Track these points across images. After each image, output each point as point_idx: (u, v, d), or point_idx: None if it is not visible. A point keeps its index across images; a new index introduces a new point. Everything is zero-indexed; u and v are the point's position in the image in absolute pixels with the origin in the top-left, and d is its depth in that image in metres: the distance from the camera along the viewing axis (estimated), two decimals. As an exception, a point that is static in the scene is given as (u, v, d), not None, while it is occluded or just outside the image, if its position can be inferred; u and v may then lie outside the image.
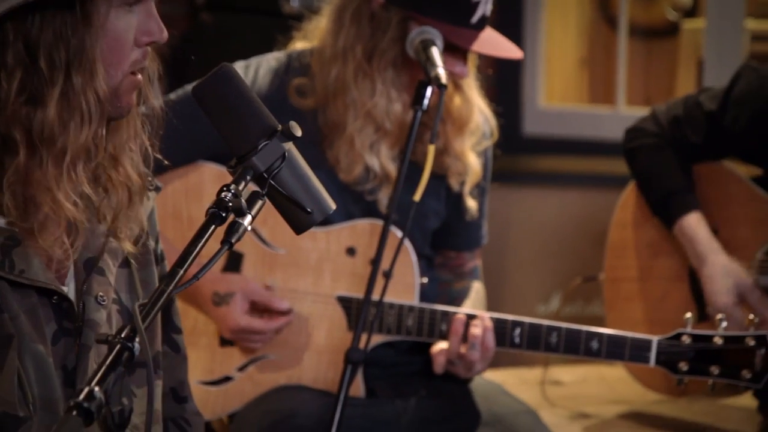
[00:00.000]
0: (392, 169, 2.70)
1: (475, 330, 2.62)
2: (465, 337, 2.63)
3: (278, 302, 2.70)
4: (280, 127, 1.72)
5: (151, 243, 1.97)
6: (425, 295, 2.78)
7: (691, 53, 5.81)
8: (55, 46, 1.71)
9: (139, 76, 1.82)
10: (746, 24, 5.09)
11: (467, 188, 2.81)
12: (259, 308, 2.71)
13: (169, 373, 2.02)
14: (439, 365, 2.65)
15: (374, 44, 2.63)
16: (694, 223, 3.07)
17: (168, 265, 2.00)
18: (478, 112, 2.79)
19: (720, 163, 3.18)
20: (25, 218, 1.75)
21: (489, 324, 2.64)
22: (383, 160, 2.70)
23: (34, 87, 1.71)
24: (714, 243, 3.05)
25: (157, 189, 1.98)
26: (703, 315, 3.10)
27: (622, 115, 4.88)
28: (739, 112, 3.05)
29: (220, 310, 2.68)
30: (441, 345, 2.66)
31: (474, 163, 2.79)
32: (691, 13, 6.26)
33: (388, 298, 2.67)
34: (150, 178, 1.92)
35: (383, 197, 2.71)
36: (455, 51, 2.62)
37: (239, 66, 2.76)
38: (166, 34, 1.81)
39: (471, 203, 2.82)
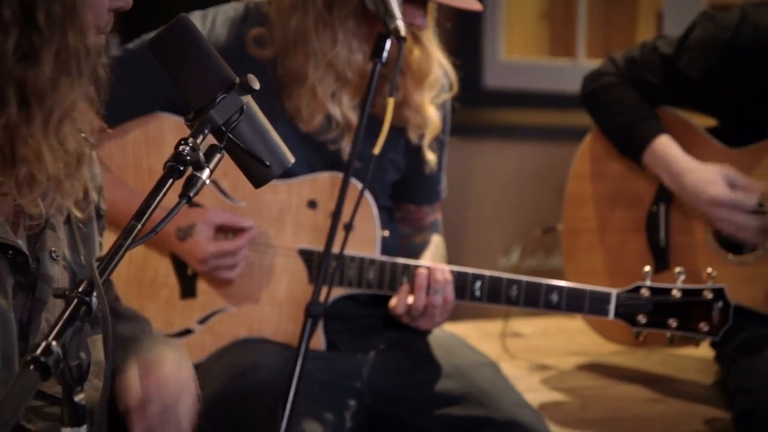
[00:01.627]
0: (354, 118, 2.69)
1: (438, 275, 2.63)
2: (428, 291, 2.64)
3: (241, 220, 2.69)
4: (237, 80, 1.71)
5: (94, 197, 1.96)
6: (386, 248, 2.78)
7: (651, 5, 5.81)
8: (51, 2, 1.70)
9: (104, 39, 1.82)
10: (706, -24, 5.09)
11: (426, 141, 2.81)
12: (224, 231, 2.70)
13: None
14: (400, 305, 2.65)
15: None
16: (665, 144, 3.07)
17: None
18: (438, 65, 2.78)
19: (676, 114, 3.19)
20: (5, 174, 1.75)
21: (449, 276, 2.65)
22: (345, 109, 2.69)
23: (30, 44, 1.70)
24: (688, 157, 3.05)
25: (92, 146, 1.97)
26: (661, 266, 3.12)
27: (582, 67, 4.87)
28: (693, 57, 3.06)
29: (186, 245, 2.67)
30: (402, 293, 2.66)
31: (433, 115, 2.79)
32: (651, -36, 6.26)
33: (350, 251, 2.67)
34: (85, 135, 1.90)
35: (346, 147, 2.71)
36: (415, 3, 2.61)
37: (196, 16, 2.73)
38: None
39: (430, 156, 2.82)
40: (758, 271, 2.97)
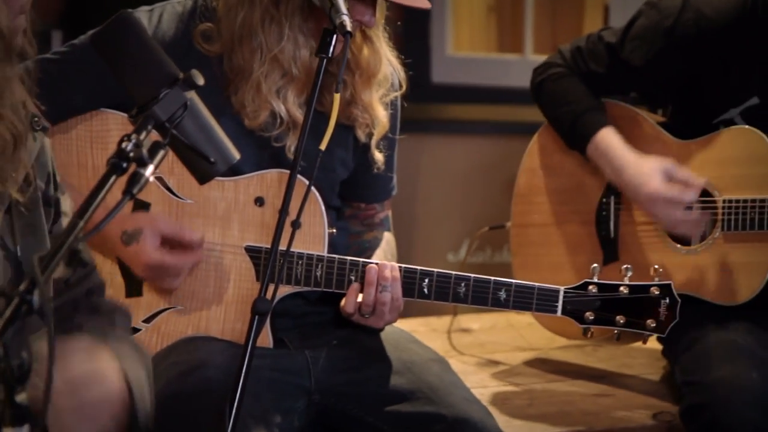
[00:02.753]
0: (299, 115, 2.68)
1: (386, 272, 2.62)
2: (377, 288, 2.63)
3: (189, 233, 2.65)
4: (181, 75, 1.69)
5: (41, 184, 1.93)
6: (334, 245, 2.77)
7: (597, 0, 5.84)
8: None
9: (24, 18, 1.78)
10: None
11: (375, 140, 2.80)
12: (170, 242, 2.67)
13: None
14: (350, 304, 2.64)
15: None
16: (608, 136, 3.09)
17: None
18: (387, 63, 2.78)
19: (625, 106, 3.20)
20: None
21: (397, 274, 2.64)
22: (290, 106, 2.67)
23: None
24: (630, 151, 3.06)
25: (44, 129, 1.94)
26: (610, 258, 3.13)
27: (529, 62, 4.89)
28: (637, 46, 3.08)
29: (130, 250, 2.63)
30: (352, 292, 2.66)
31: (382, 115, 2.78)
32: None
33: (297, 249, 2.66)
34: (36, 119, 1.88)
35: (291, 144, 2.69)
36: (363, 0, 2.60)
37: (143, 11, 2.71)
38: None
39: (378, 156, 2.81)
40: (707, 260, 2.99)
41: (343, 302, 2.67)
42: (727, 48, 2.98)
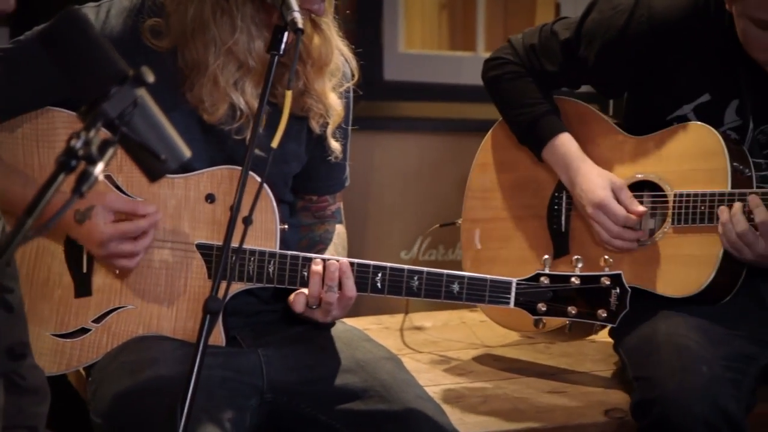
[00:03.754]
0: (255, 106, 2.66)
1: (332, 272, 2.62)
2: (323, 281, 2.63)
3: (142, 206, 2.63)
4: (131, 72, 1.68)
5: None
6: (287, 242, 2.76)
7: (549, -4, 5.86)
8: None
9: None
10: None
11: (330, 129, 2.79)
12: (123, 217, 2.64)
13: (3, 333, 1.96)
14: (299, 303, 2.63)
15: None
16: (566, 141, 3.11)
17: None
18: (338, 53, 2.77)
19: (582, 104, 3.22)
20: None
21: (347, 269, 2.64)
22: (248, 98, 2.66)
23: None
24: (585, 156, 3.09)
25: None
26: (561, 251, 3.14)
27: (481, 59, 4.88)
28: (589, 42, 3.10)
29: (83, 227, 2.60)
30: (301, 290, 2.65)
31: (336, 103, 2.78)
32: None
33: (249, 245, 2.65)
34: None
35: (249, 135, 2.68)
36: None
37: (90, 7, 2.69)
38: None
39: (335, 144, 2.81)
40: (657, 253, 3.01)
41: (291, 297, 2.66)
42: (679, 45, 3.00)
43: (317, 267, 2.64)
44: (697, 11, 2.98)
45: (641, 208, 3.03)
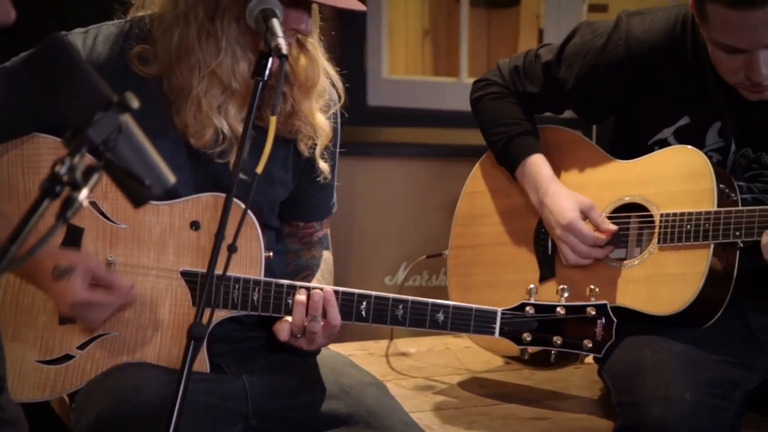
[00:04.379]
0: (242, 130, 2.66)
1: (315, 302, 2.62)
2: (308, 309, 2.62)
3: (119, 279, 2.63)
4: (116, 98, 1.67)
5: None
6: (272, 269, 2.76)
7: (532, 23, 5.89)
8: None
9: None
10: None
11: (318, 150, 2.79)
12: (98, 284, 2.64)
13: None
14: (283, 331, 2.63)
15: (216, 2, 2.59)
16: (537, 162, 3.13)
17: None
18: (325, 74, 2.77)
19: (567, 130, 3.24)
20: None
21: (331, 298, 2.63)
22: (231, 121, 2.66)
23: None
24: (556, 179, 3.11)
25: None
26: (547, 275, 3.14)
27: (465, 85, 4.91)
28: (570, 65, 3.12)
29: (59, 284, 2.60)
30: (285, 318, 2.65)
31: (324, 123, 2.77)
32: (531, -17, 6.35)
33: (234, 273, 2.64)
34: None
35: (233, 160, 2.67)
36: (298, 7, 2.59)
37: (77, 33, 2.68)
38: None
39: (323, 165, 2.81)
40: (643, 272, 3.01)
41: (276, 326, 2.66)
42: (657, 69, 3.02)
43: (301, 296, 2.63)
44: (674, 35, 3.00)
45: (611, 227, 3.04)
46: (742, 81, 2.86)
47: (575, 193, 3.09)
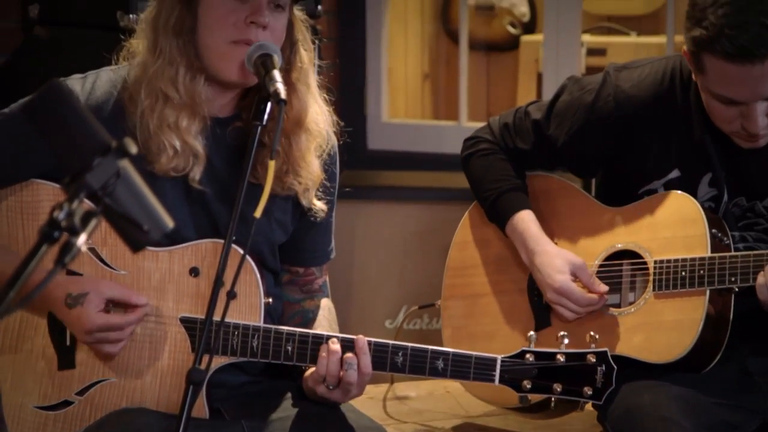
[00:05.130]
0: (197, 144, 2.64)
1: (352, 351, 2.60)
2: (341, 361, 2.61)
3: (135, 296, 2.62)
4: (114, 143, 1.68)
5: None
6: (271, 314, 2.75)
7: (531, 67, 5.91)
8: None
9: None
10: (582, 39, 5.20)
11: (312, 192, 2.78)
12: (115, 305, 2.63)
13: None
14: (319, 385, 2.62)
15: (165, 20, 2.62)
16: (526, 218, 3.12)
17: None
18: (320, 115, 2.76)
19: (557, 178, 3.24)
20: None
21: (365, 346, 2.62)
22: (184, 134, 2.63)
23: None
24: (545, 236, 3.10)
25: None
26: (542, 325, 3.13)
27: (464, 129, 4.93)
28: (560, 122, 3.13)
29: (73, 313, 2.59)
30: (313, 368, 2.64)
31: (316, 168, 2.76)
32: (529, 27, 6.39)
33: (233, 319, 2.63)
34: None
35: (195, 174, 2.65)
36: None
37: (76, 78, 2.69)
38: None
39: (319, 204, 2.80)
40: (639, 320, 3.01)
41: (307, 373, 2.65)
42: (646, 123, 3.03)
43: (335, 346, 2.62)
44: (662, 89, 3.01)
45: (603, 288, 3.03)
46: (738, 130, 2.86)
47: (564, 251, 3.08)
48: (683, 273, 2.95)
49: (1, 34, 1.71)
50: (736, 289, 2.91)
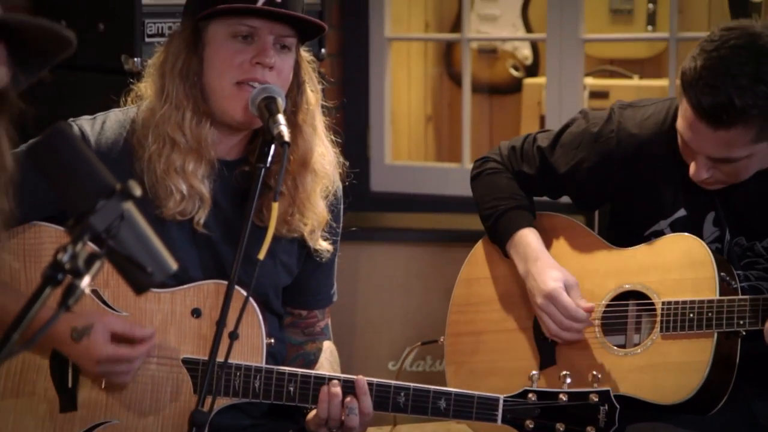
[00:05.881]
0: (203, 188, 2.65)
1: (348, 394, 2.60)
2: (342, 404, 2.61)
3: (139, 329, 2.61)
4: (118, 186, 1.68)
5: None
6: (274, 355, 2.75)
7: (534, 109, 5.93)
8: None
9: None
10: (585, 82, 5.22)
11: (318, 233, 2.78)
12: (120, 339, 2.63)
13: None
14: (321, 428, 2.62)
15: (172, 64, 2.64)
16: (528, 235, 3.12)
17: None
18: (326, 157, 2.77)
19: (564, 217, 3.24)
20: None
21: (365, 387, 2.62)
22: (190, 178, 2.65)
23: None
24: (546, 251, 3.10)
25: None
26: (546, 363, 3.13)
27: (467, 171, 4.92)
28: (563, 152, 3.14)
29: (81, 345, 2.58)
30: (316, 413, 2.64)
31: (322, 210, 2.77)
32: (532, 70, 6.42)
33: (235, 360, 2.63)
34: None
35: (200, 218, 2.66)
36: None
37: (86, 119, 2.71)
38: None
39: (324, 244, 2.80)
40: (645, 361, 3.00)
41: (310, 416, 2.65)
42: (650, 162, 3.03)
43: (336, 389, 2.62)
44: (664, 129, 3.02)
45: (589, 304, 3.03)
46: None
47: (564, 268, 3.08)
48: (691, 315, 2.95)
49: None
50: (744, 333, 2.91)
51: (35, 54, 1.72)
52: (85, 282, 1.61)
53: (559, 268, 3.06)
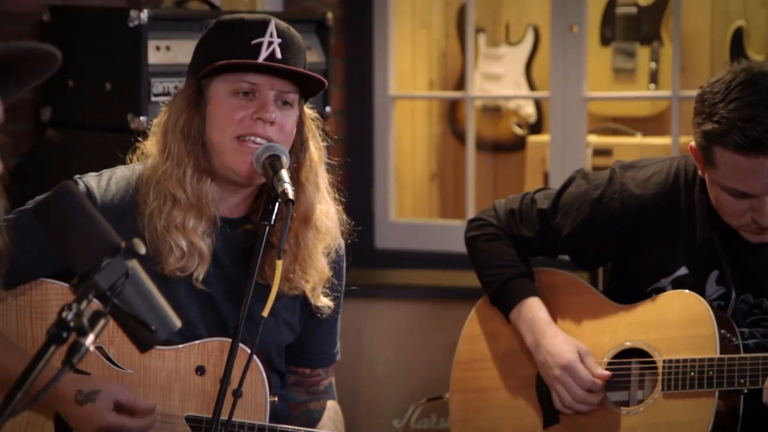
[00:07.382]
0: (202, 245, 2.66)
1: None
2: None
3: (142, 401, 2.61)
4: (123, 244, 1.69)
5: None
6: (277, 414, 2.75)
7: (538, 167, 5.96)
8: None
9: None
10: (588, 139, 5.24)
11: (319, 290, 2.78)
12: (123, 408, 2.62)
13: None
14: None
15: (174, 123, 2.66)
16: (534, 305, 3.12)
17: None
18: (327, 213, 2.77)
19: (565, 273, 3.24)
20: None
21: None
22: (190, 235, 2.65)
23: None
24: (553, 322, 3.10)
25: None
26: (549, 422, 3.12)
27: (471, 228, 4.94)
28: (565, 213, 3.15)
29: (84, 410, 2.57)
30: None
31: (324, 267, 2.77)
32: (536, 128, 6.45)
33: (239, 418, 2.63)
34: None
35: (198, 274, 2.66)
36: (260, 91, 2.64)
37: (92, 176, 2.72)
38: None
39: (325, 301, 2.79)
40: (647, 419, 3.00)
41: None
42: (652, 222, 3.04)
43: None
44: (667, 189, 3.03)
45: (606, 373, 3.03)
46: (747, 223, 2.88)
47: (571, 338, 3.09)
48: (692, 373, 2.94)
49: (13, 137, 1.74)
50: (746, 391, 2.90)
51: (24, 77, 1.71)
52: (90, 340, 1.62)
53: (569, 340, 3.06)
